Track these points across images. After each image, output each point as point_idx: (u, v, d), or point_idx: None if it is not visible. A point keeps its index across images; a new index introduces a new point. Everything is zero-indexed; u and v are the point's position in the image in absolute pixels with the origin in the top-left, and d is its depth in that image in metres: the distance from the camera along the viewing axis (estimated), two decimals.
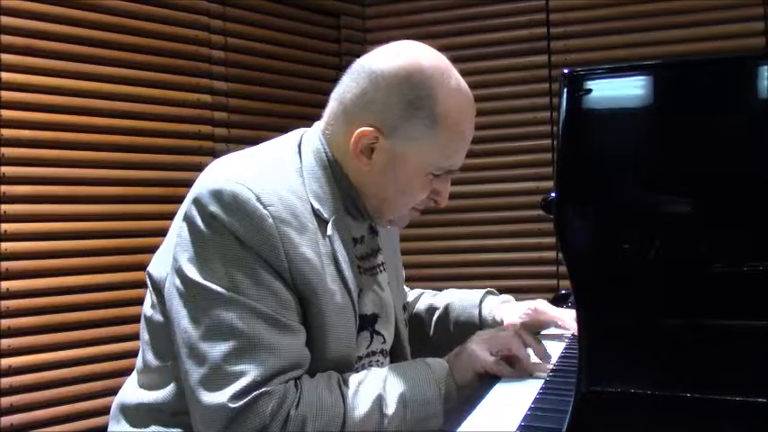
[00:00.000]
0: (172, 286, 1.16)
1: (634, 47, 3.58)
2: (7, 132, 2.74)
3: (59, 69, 2.87)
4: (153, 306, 1.25)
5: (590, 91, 0.95)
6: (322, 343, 1.16)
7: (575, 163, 0.96)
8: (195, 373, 1.10)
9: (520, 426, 1.07)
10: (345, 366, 1.20)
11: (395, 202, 1.24)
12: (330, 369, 1.18)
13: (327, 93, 1.27)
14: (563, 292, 2.09)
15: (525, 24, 3.84)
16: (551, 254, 3.69)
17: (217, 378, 1.08)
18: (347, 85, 1.23)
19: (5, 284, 2.72)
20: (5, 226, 2.72)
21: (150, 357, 1.25)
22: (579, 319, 0.94)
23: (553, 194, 0.97)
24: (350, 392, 1.15)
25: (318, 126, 1.27)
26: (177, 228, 1.18)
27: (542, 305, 1.54)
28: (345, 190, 1.23)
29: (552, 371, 1.31)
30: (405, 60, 1.19)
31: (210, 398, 1.07)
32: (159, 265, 1.22)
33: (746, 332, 0.87)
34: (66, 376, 2.84)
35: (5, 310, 2.71)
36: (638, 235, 0.92)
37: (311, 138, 1.25)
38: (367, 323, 1.28)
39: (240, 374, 1.07)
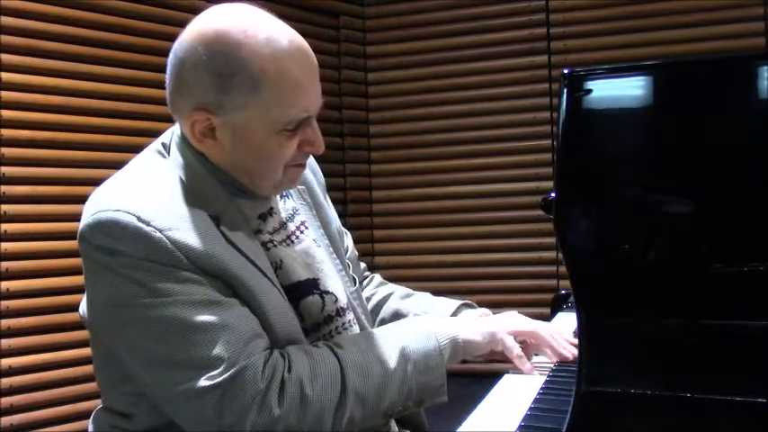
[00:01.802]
0: (101, 323, 1.15)
1: (634, 47, 3.58)
2: (7, 132, 2.74)
3: (59, 69, 2.87)
4: (91, 341, 1.25)
5: (590, 91, 0.95)
6: (264, 318, 1.14)
7: (575, 163, 0.96)
8: (169, 380, 1.08)
9: (520, 426, 1.07)
10: (297, 341, 1.18)
11: (262, 170, 1.17)
12: (282, 346, 1.15)
13: (327, 93, 1.24)
14: (563, 292, 2.09)
15: (525, 24, 3.84)
16: (551, 254, 3.69)
17: (191, 372, 1.06)
18: (166, 78, 1.17)
19: (5, 284, 2.72)
20: (5, 226, 2.72)
21: (105, 386, 1.25)
22: (579, 319, 0.94)
23: (553, 194, 0.97)
24: (346, 352, 1.14)
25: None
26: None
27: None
28: (220, 175, 1.18)
29: (552, 371, 1.31)
30: (203, 33, 1.12)
31: (192, 388, 1.06)
32: (83, 306, 1.22)
33: (746, 332, 0.87)
34: (66, 376, 2.84)
35: (5, 310, 2.71)
36: (638, 235, 0.92)
37: (176, 134, 1.22)
38: (310, 288, 1.25)
39: (211, 359, 1.06)
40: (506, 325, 1.28)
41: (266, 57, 1.10)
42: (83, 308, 1.22)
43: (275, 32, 1.13)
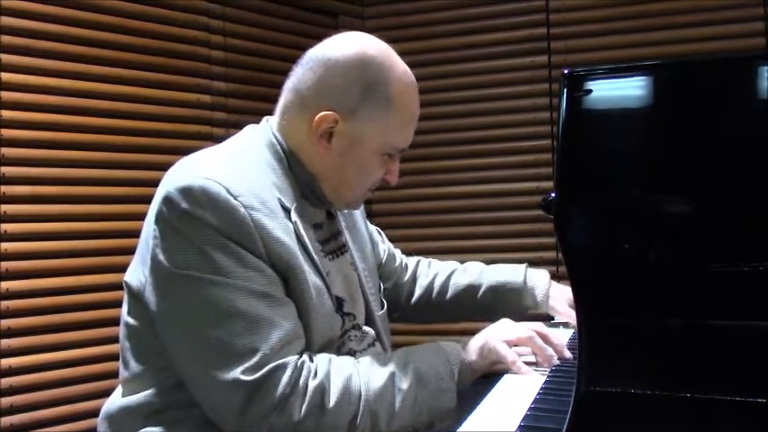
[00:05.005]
0: (157, 287, 1.17)
1: (634, 47, 3.58)
2: (7, 132, 2.73)
3: (59, 69, 2.87)
4: (131, 313, 1.26)
5: (590, 91, 0.95)
6: (306, 322, 1.18)
7: (574, 163, 0.96)
8: (203, 359, 1.11)
9: (520, 426, 1.07)
10: (329, 347, 1.22)
11: (354, 182, 1.29)
12: (316, 350, 1.19)
13: None
14: None
15: (525, 24, 3.84)
16: (551, 254, 3.69)
17: (227, 358, 1.09)
18: (302, 75, 1.28)
19: (5, 284, 2.71)
20: (5, 226, 2.72)
21: (133, 363, 1.26)
22: (579, 319, 0.94)
23: (553, 194, 0.97)
24: (364, 368, 1.18)
25: (271, 120, 1.32)
26: (150, 231, 1.19)
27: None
28: (302, 177, 1.27)
29: (552, 371, 1.31)
30: (356, 47, 1.25)
31: (224, 376, 1.08)
32: (134, 273, 1.23)
33: (746, 332, 0.87)
34: (66, 376, 2.84)
35: (5, 310, 2.71)
36: (638, 235, 0.92)
37: (263, 132, 1.30)
38: (339, 306, 1.31)
39: (249, 351, 1.09)
40: (493, 334, 1.30)
41: (401, 85, 1.28)
42: (131, 277, 1.25)
43: (407, 68, 1.31)
